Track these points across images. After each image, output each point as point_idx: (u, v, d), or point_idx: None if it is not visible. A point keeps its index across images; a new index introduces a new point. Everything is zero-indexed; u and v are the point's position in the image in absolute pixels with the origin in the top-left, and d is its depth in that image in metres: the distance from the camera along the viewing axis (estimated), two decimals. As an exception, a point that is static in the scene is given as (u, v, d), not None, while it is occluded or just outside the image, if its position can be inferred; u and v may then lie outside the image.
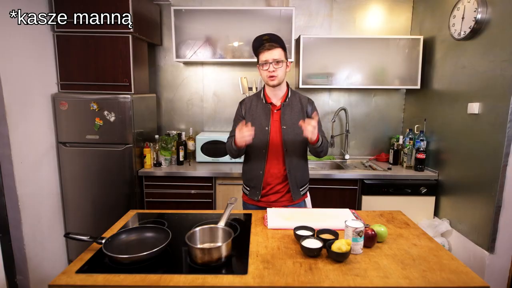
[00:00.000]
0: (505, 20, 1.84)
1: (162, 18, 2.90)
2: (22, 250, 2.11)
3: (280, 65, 1.63)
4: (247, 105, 1.79)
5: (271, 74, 1.63)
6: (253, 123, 1.69)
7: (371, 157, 3.03)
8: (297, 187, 1.76)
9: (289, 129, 1.69)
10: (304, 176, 1.80)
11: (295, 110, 1.73)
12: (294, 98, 1.76)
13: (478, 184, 2.04)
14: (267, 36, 1.66)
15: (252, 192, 1.78)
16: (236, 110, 1.85)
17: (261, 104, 1.74)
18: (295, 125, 1.67)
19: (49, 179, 2.37)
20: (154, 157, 2.62)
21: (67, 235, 1.25)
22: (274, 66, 1.62)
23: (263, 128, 1.70)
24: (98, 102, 2.36)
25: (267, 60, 1.62)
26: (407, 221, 1.55)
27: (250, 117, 1.74)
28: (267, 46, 1.63)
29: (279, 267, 1.13)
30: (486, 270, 1.95)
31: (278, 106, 1.73)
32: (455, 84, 2.28)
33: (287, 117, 1.71)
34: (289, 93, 1.75)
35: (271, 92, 1.74)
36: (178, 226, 1.48)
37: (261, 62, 1.66)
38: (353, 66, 2.68)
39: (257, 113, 1.74)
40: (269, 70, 1.63)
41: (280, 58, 1.63)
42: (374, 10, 2.88)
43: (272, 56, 1.62)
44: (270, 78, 1.64)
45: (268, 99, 1.74)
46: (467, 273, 1.11)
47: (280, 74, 1.64)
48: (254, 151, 1.75)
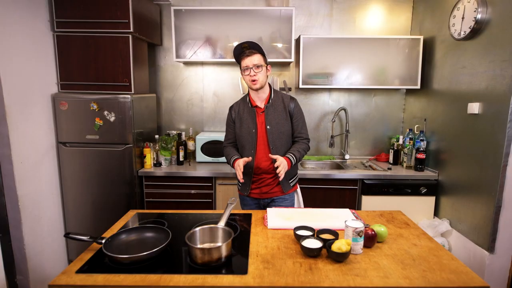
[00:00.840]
0: (505, 20, 1.84)
1: (162, 18, 2.90)
2: (22, 250, 2.11)
3: (260, 69, 1.76)
4: (235, 110, 1.93)
5: (253, 78, 1.76)
6: (241, 126, 1.87)
7: (371, 157, 3.03)
8: (286, 179, 1.88)
9: (273, 128, 1.83)
10: (292, 170, 1.90)
11: (278, 109, 1.85)
12: (277, 98, 1.88)
13: (478, 184, 2.04)
14: (246, 44, 1.77)
15: (243, 188, 1.93)
16: (227, 116, 1.99)
17: (247, 108, 1.88)
18: (279, 124, 1.84)
19: (49, 179, 2.37)
20: (154, 157, 2.62)
21: (67, 235, 1.25)
22: (254, 71, 1.74)
23: (250, 130, 1.84)
24: (98, 102, 2.36)
25: (248, 66, 1.75)
26: (407, 221, 1.55)
27: (239, 121, 1.89)
28: (247, 53, 1.75)
29: (279, 267, 1.13)
30: (486, 270, 1.95)
31: (262, 108, 1.85)
32: (455, 84, 2.28)
33: (271, 117, 1.83)
34: (272, 95, 1.87)
35: (255, 95, 1.87)
36: (178, 226, 1.48)
37: (242, 68, 1.78)
38: (353, 66, 2.68)
39: (244, 116, 1.88)
40: (250, 75, 1.75)
41: (259, 63, 1.75)
42: (374, 10, 2.88)
43: (252, 61, 1.74)
44: (252, 82, 1.77)
45: (253, 102, 1.87)
46: (467, 273, 1.11)
47: (261, 78, 1.77)
48: (244, 152, 1.88)
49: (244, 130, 1.86)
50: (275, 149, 1.82)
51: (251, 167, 1.86)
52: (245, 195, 1.94)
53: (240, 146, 1.92)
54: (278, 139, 1.84)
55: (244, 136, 1.86)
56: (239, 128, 1.88)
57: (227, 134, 1.99)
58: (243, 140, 1.87)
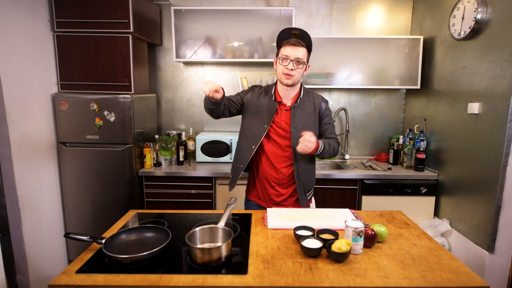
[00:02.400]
0: (505, 20, 1.84)
1: (162, 18, 2.90)
2: (22, 250, 2.11)
3: (301, 66, 1.54)
4: (255, 94, 1.67)
5: (288, 72, 1.52)
6: (254, 116, 1.63)
7: (371, 157, 3.03)
8: (304, 192, 1.70)
9: (299, 132, 1.57)
10: (311, 180, 1.74)
11: (307, 112, 1.62)
12: (307, 98, 1.66)
13: (478, 184, 2.04)
14: (297, 30, 1.53)
15: (231, 182, 1.75)
16: (243, 89, 1.76)
17: (269, 101, 1.63)
18: (305, 128, 1.59)
19: (49, 179, 2.37)
20: (154, 157, 2.62)
21: (67, 235, 1.25)
22: (294, 65, 1.51)
23: (261, 125, 1.62)
24: (98, 102, 2.36)
25: (289, 56, 1.51)
26: (407, 221, 1.55)
27: (253, 108, 1.65)
28: (293, 41, 1.51)
29: (279, 267, 1.12)
30: (486, 270, 1.95)
31: (288, 107, 1.62)
32: (455, 84, 2.28)
33: (297, 119, 1.61)
34: (301, 93, 1.64)
35: (282, 90, 1.63)
36: (178, 226, 1.48)
37: (281, 56, 1.53)
38: (353, 66, 2.68)
39: (262, 107, 1.63)
40: (287, 67, 1.51)
41: (302, 59, 1.53)
42: (374, 10, 2.88)
43: (295, 53, 1.50)
44: (286, 76, 1.53)
45: (278, 97, 1.64)
46: (467, 273, 1.11)
47: (297, 75, 1.55)
48: (245, 143, 1.68)
49: (255, 121, 1.62)
50: (297, 156, 1.61)
51: (243, 162, 1.66)
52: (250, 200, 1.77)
53: (242, 136, 1.69)
54: None
55: (252, 128, 1.62)
56: (251, 116, 1.63)
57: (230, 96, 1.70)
58: (249, 131, 1.63)
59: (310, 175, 1.73)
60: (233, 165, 1.78)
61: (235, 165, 1.74)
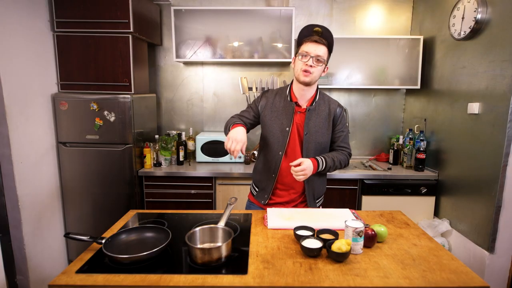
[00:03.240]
0: (505, 20, 1.84)
1: (162, 18, 2.90)
2: (22, 250, 2.11)
3: (321, 64, 1.50)
4: (269, 99, 1.63)
5: (307, 69, 1.48)
6: (273, 120, 1.59)
7: (371, 157, 3.03)
8: (313, 198, 1.66)
9: (312, 136, 1.57)
10: (322, 186, 1.69)
11: (321, 116, 1.59)
12: (323, 102, 1.62)
13: (478, 184, 2.04)
14: (320, 28, 1.51)
15: (260, 195, 1.68)
16: (254, 98, 1.71)
17: (285, 102, 1.60)
18: (319, 133, 1.58)
19: (49, 179, 2.37)
20: (154, 157, 2.62)
21: (67, 235, 1.25)
22: (314, 62, 1.48)
23: (283, 128, 1.58)
24: (98, 102, 2.36)
25: (309, 53, 1.47)
26: (407, 221, 1.55)
27: (269, 113, 1.60)
28: (316, 39, 1.48)
29: (279, 267, 1.12)
30: (486, 270, 1.95)
31: (303, 109, 1.59)
32: (455, 84, 2.28)
33: (312, 123, 1.57)
34: (317, 96, 1.60)
35: (298, 91, 1.58)
36: (178, 226, 1.47)
37: (301, 52, 1.50)
38: (353, 66, 2.68)
39: (279, 110, 1.60)
40: (307, 63, 1.47)
41: (323, 57, 1.49)
42: (374, 10, 2.88)
43: (316, 51, 1.47)
44: (304, 73, 1.49)
45: (294, 97, 1.60)
46: (467, 273, 1.11)
47: (316, 74, 1.50)
48: (270, 151, 1.62)
49: (276, 126, 1.57)
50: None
51: (274, 172, 1.60)
52: (261, 203, 1.67)
53: (266, 144, 1.62)
54: (313, 150, 1.58)
55: (275, 133, 1.58)
56: (270, 122, 1.58)
57: (243, 112, 1.66)
58: (271, 137, 1.58)
59: (321, 181, 1.69)
60: (259, 176, 1.70)
61: (264, 176, 1.66)
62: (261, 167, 1.69)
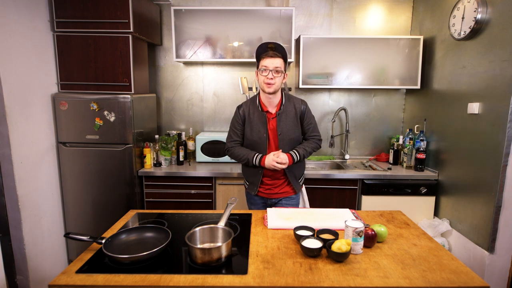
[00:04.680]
0: (505, 20, 1.84)
1: (162, 18, 2.90)
2: (22, 250, 2.11)
3: (279, 74, 1.72)
4: (245, 112, 1.87)
5: (269, 81, 1.70)
6: (252, 130, 1.84)
7: (371, 157, 3.03)
8: (296, 179, 1.91)
9: (285, 135, 1.83)
10: (301, 169, 1.96)
11: (290, 116, 1.83)
12: (289, 104, 1.85)
13: (478, 184, 2.04)
14: (272, 44, 1.74)
15: (250, 187, 1.94)
16: (233, 115, 1.92)
17: (258, 112, 1.84)
18: (290, 131, 1.83)
19: (49, 179, 2.37)
20: (154, 157, 2.62)
21: (67, 235, 1.25)
22: (273, 74, 1.70)
23: (261, 135, 1.83)
24: (98, 102, 2.36)
25: (267, 67, 1.70)
26: (407, 221, 1.55)
27: (249, 124, 1.86)
28: (271, 54, 1.71)
29: (279, 267, 1.13)
30: (486, 270, 1.95)
31: (273, 114, 1.83)
32: (455, 84, 2.28)
33: (283, 124, 1.82)
34: (284, 100, 1.84)
35: (266, 99, 1.82)
36: (178, 226, 1.48)
37: (261, 67, 1.73)
38: (353, 66, 2.68)
39: (254, 121, 1.84)
40: (267, 77, 1.70)
41: (280, 68, 1.71)
42: (374, 10, 2.88)
43: (273, 64, 1.69)
44: (267, 85, 1.72)
45: (264, 107, 1.84)
46: (467, 273, 1.11)
47: (277, 83, 1.73)
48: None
49: (255, 135, 1.84)
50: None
51: (260, 169, 1.87)
52: (252, 195, 1.94)
53: (250, 148, 1.90)
54: (287, 145, 1.84)
55: (256, 141, 1.85)
56: (250, 133, 1.86)
57: (231, 135, 1.92)
58: (254, 144, 1.86)
59: (299, 166, 1.93)
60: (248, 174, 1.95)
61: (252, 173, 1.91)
62: (249, 168, 1.93)
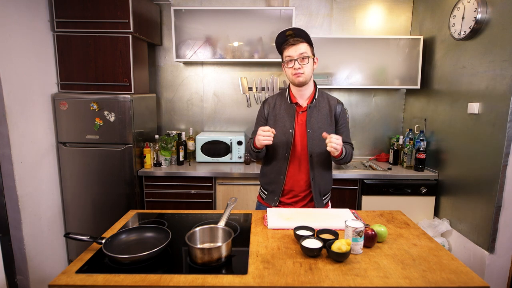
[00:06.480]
0: (505, 20, 1.84)
1: (162, 18, 2.90)
2: (22, 250, 2.11)
3: (307, 61, 1.50)
4: (270, 105, 1.66)
5: (297, 72, 1.50)
6: (276, 124, 1.61)
7: (371, 157, 3.03)
8: (320, 195, 1.66)
9: (315, 133, 1.57)
10: (327, 184, 1.70)
11: (323, 112, 1.60)
12: (322, 99, 1.63)
13: (478, 184, 2.04)
14: (290, 31, 1.52)
15: (270, 197, 1.68)
16: (258, 111, 1.73)
17: (285, 104, 1.62)
18: (322, 129, 1.58)
19: (49, 179, 2.37)
20: (154, 157, 2.62)
21: (67, 235, 1.25)
22: (299, 63, 1.49)
23: (286, 130, 1.59)
24: (98, 102, 2.36)
25: (292, 56, 1.50)
26: (407, 221, 1.55)
27: (273, 117, 1.63)
28: (291, 41, 1.51)
29: (279, 267, 1.12)
30: (486, 270, 1.95)
31: (304, 108, 1.60)
32: (455, 84, 2.28)
33: (314, 120, 1.59)
34: (317, 94, 1.62)
35: (297, 91, 1.61)
36: (178, 226, 1.48)
37: (285, 59, 1.54)
38: (353, 66, 2.68)
39: (280, 113, 1.62)
40: (294, 68, 1.50)
41: (306, 53, 1.50)
42: (374, 10, 2.88)
43: (297, 51, 1.49)
44: (296, 76, 1.51)
45: (294, 99, 1.62)
46: (467, 273, 1.11)
47: (307, 71, 1.51)
48: (276, 154, 1.63)
49: (278, 129, 1.58)
50: (314, 158, 1.59)
51: (283, 174, 1.62)
52: (271, 206, 1.67)
53: (271, 148, 1.63)
54: (318, 147, 1.58)
55: (279, 137, 1.58)
56: (273, 127, 1.56)
57: (254, 131, 1.66)
58: (275, 140, 1.55)
59: (327, 179, 1.69)
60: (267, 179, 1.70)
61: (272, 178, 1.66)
62: (269, 171, 1.69)
